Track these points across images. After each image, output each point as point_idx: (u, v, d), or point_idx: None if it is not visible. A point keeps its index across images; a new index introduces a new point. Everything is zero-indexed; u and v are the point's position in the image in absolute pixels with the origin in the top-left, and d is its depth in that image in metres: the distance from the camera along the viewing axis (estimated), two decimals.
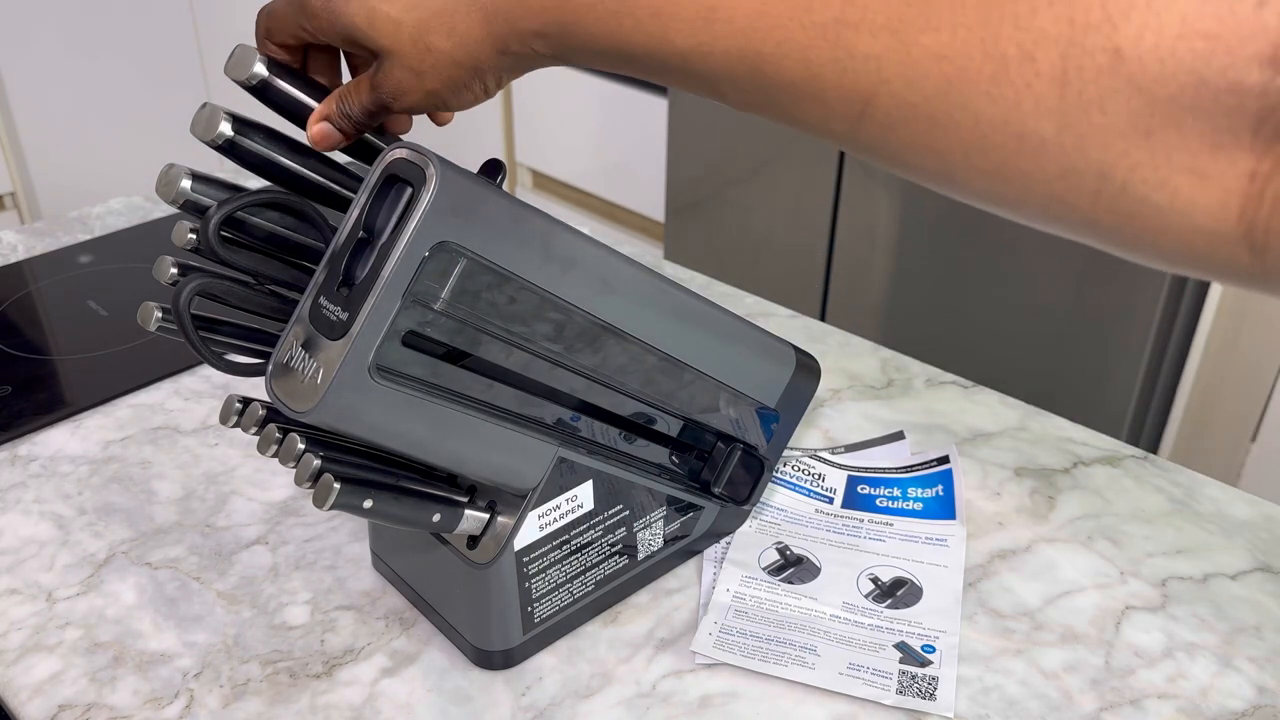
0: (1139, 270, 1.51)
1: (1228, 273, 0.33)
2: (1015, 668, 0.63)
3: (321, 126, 0.51)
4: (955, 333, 1.76)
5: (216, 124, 0.50)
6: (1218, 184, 0.31)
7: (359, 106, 0.50)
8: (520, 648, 0.62)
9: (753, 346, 0.66)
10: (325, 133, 0.51)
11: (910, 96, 0.35)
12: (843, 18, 0.36)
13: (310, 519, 0.73)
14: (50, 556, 0.71)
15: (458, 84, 0.48)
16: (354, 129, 0.51)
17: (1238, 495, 0.77)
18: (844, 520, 0.74)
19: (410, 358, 0.51)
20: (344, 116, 0.51)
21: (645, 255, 1.03)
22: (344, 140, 0.52)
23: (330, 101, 0.51)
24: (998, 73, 0.33)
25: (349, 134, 0.51)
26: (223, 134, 0.50)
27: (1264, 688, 0.62)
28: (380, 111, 0.50)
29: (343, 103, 0.51)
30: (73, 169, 2.38)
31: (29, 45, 2.25)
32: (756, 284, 1.93)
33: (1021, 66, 0.33)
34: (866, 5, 0.36)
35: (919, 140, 0.36)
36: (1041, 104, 0.33)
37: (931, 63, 0.34)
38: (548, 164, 2.56)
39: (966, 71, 0.34)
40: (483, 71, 0.47)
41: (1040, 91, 0.33)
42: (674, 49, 0.41)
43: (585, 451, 0.60)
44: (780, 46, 0.38)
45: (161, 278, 0.53)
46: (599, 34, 0.43)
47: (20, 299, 1.00)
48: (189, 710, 0.60)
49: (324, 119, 0.51)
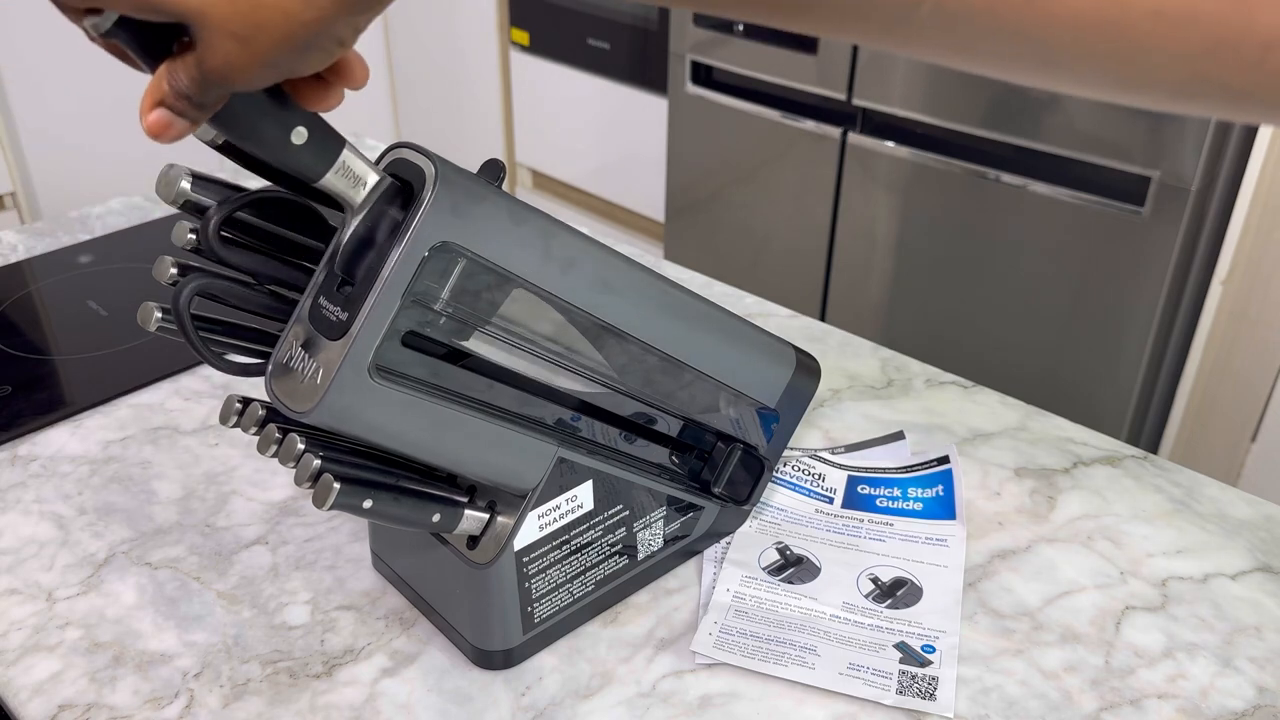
0: (1139, 270, 1.51)
1: None
2: (1015, 668, 0.63)
3: (158, 114, 0.40)
4: (955, 333, 1.77)
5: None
6: None
7: (189, 83, 0.39)
8: (520, 648, 0.62)
9: (753, 346, 0.66)
10: (163, 121, 0.40)
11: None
12: None
13: (310, 519, 0.73)
14: (50, 556, 0.71)
15: (300, 46, 0.37)
16: (196, 111, 0.40)
17: (1238, 495, 0.77)
18: (844, 520, 0.74)
19: (410, 358, 0.51)
20: (180, 97, 0.39)
21: (645, 255, 1.03)
22: (191, 127, 0.41)
23: (159, 80, 0.39)
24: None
25: (193, 117, 0.40)
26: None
27: (1264, 688, 0.62)
28: (218, 91, 0.39)
29: (174, 79, 0.39)
30: (73, 169, 2.38)
31: (29, 45, 2.25)
32: (756, 284, 1.94)
33: None
34: None
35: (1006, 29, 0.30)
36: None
37: None
38: (548, 164, 2.56)
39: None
40: (331, 22, 0.37)
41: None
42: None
43: (585, 451, 0.60)
44: None
45: (161, 278, 0.53)
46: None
47: (20, 299, 1.00)
48: (189, 710, 0.60)
49: (158, 104, 0.40)
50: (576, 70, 2.33)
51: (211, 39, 0.37)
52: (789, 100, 1.84)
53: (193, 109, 0.39)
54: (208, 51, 0.37)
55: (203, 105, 0.40)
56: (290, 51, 0.37)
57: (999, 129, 1.58)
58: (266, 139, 0.43)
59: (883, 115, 1.73)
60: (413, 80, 2.75)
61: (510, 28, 2.43)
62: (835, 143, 1.79)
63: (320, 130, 0.45)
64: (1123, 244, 1.52)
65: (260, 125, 0.43)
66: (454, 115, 2.70)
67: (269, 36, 0.36)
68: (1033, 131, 1.54)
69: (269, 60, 0.37)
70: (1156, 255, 1.49)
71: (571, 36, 2.31)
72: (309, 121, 0.44)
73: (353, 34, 0.38)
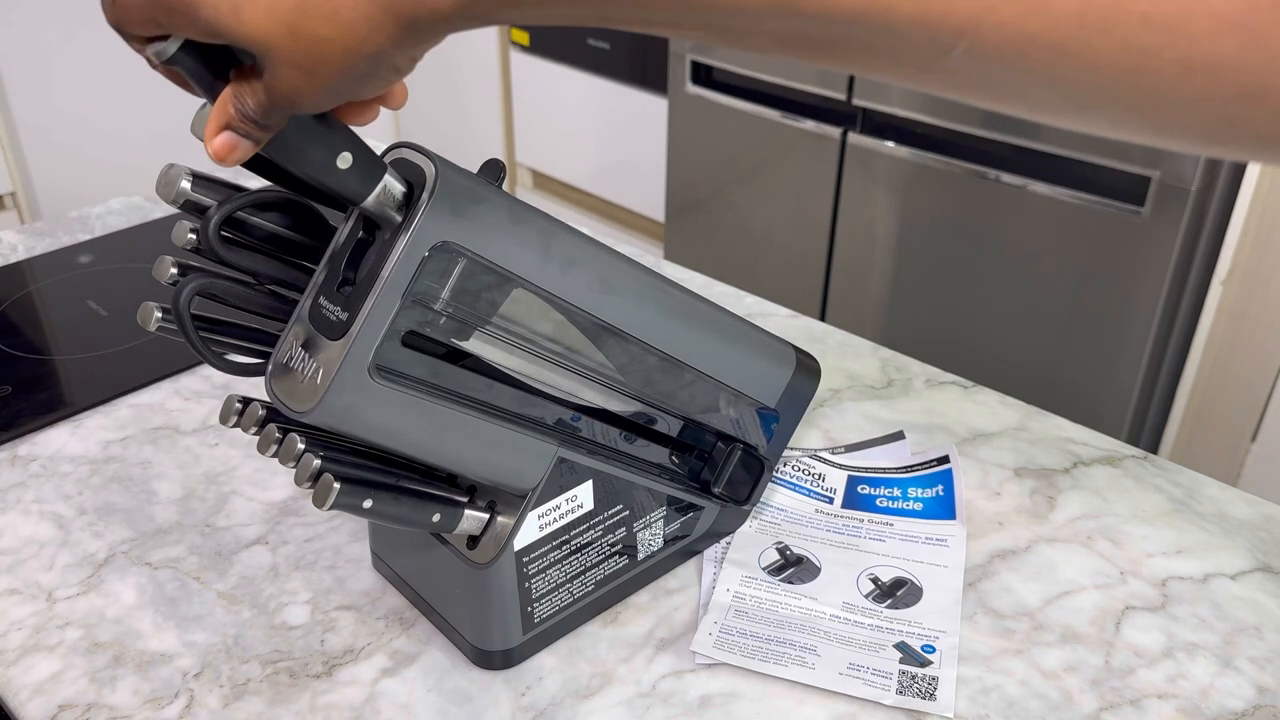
0: (1139, 270, 1.52)
1: None
2: (1015, 668, 0.63)
3: (225, 137, 0.42)
4: (955, 333, 1.77)
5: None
6: None
7: (255, 107, 0.41)
8: (520, 648, 0.62)
9: (753, 347, 0.66)
10: (229, 143, 0.42)
11: (1028, 25, 0.29)
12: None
13: (310, 519, 0.73)
14: (50, 556, 0.71)
15: (359, 76, 0.39)
16: (261, 133, 0.42)
17: (1238, 495, 0.77)
18: (844, 520, 0.74)
19: (410, 358, 0.51)
20: (246, 120, 0.42)
21: (645, 255, 1.03)
22: (254, 148, 0.43)
23: (224, 104, 0.42)
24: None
25: (257, 139, 0.42)
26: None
27: (1264, 688, 0.62)
28: (281, 115, 0.42)
29: (239, 102, 0.41)
30: (73, 169, 2.38)
31: (29, 45, 2.25)
32: (756, 284, 1.94)
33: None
34: None
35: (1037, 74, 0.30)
36: (1220, 20, 0.27)
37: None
38: (548, 164, 2.56)
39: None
40: (386, 55, 0.39)
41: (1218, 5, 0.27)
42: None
43: (585, 451, 0.60)
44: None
45: (161, 278, 0.53)
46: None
47: (20, 299, 1.00)
48: (189, 710, 0.60)
49: (224, 127, 0.42)
50: (576, 70, 2.33)
51: (277, 68, 0.39)
52: (789, 100, 1.84)
53: (257, 131, 0.42)
54: (274, 79, 0.39)
55: (267, 127, 0.42)
56: (350, 80, 0.39)
57: (999, 129, 1.58)
58: (314, 162, 0.45)
59: (883, 115, 1.73)
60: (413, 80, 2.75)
61: (510, 28, 2.43)
62: (835, 143, 1.79)
63: (364, 155, 0.47)
64: (1123, 244, 1.52)
65: (308, 149, 0.44)
66: (454, 115, 2.70)
67: (330, 67, 0.38)
68: (1032, 131, 1.54)
69: (330, 88, 0.39)
70: (1156, 255, 1.49)
71: (571, 36, 2.31)
72: (353, 146, 0.46)
73: (409, 64, 0.40)
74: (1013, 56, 0.30)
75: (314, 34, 0.37)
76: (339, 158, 0.45)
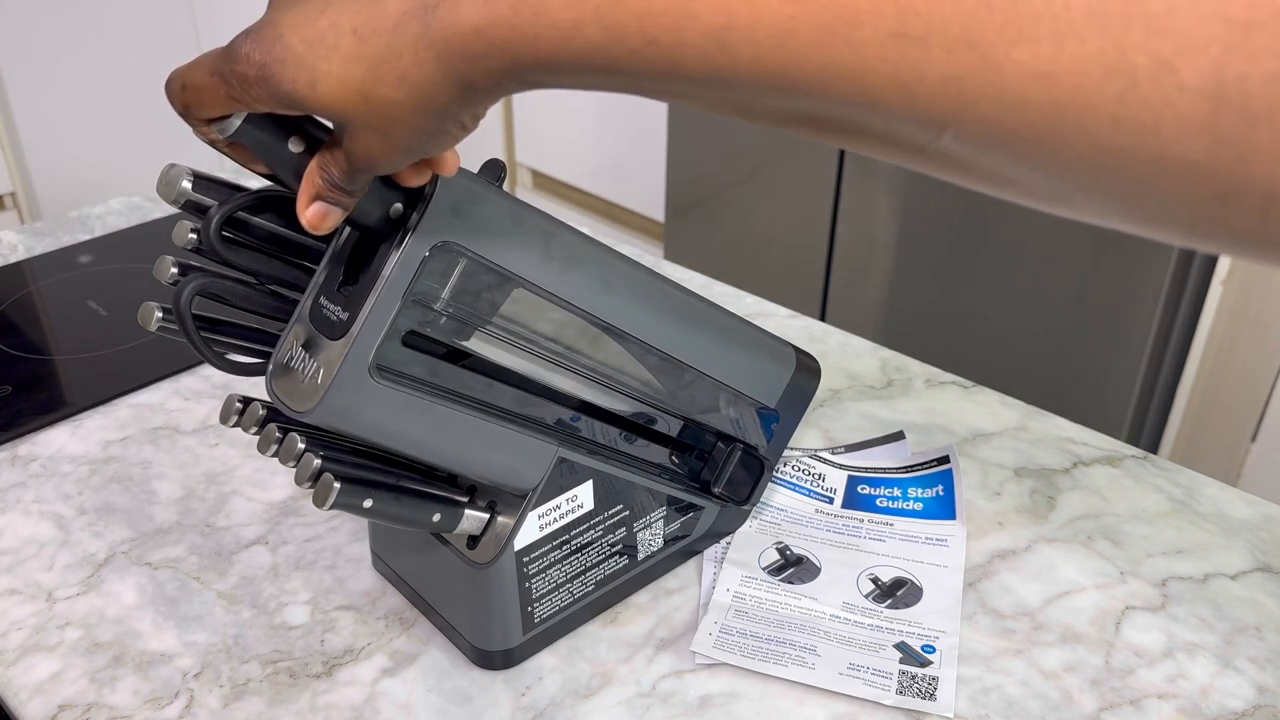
0: (1139, 270, 1.52)
1: None
2: (1015, 668, 0.63)
3: (318, 208, 0.44)
4: (955, 333, 1.77)
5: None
6: None
7: (342, 174, 0.44)
8: (520, 648, 0.62)
9: (753, 347, 0.66)
10: (321, 212, 0.45)
11: (1006, 120, 0.30)
12: (902, 30, 0.30)
13: (310, 519, 0.73)
14: (50, 556, 0.71)
15: (429, 133, 0.41)
16: (349, 198, 0.45)
17: (1238, 495, 0.77)
18: (844, 520, 0.74)
19: (410, 358, 0.51)
20: (333, 188, 0.44)
21: (645, 255, 1.03)
22: (343, 214, 0.45)
23: (312, 176, 0.44)
24: (1125, 91, 0.27)
25: (345, 205, 0.45)
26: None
27: (1264, 688, 0.62)
28: (365, 178, 0.44)
29: (325, 173, 0.44)
30: (73, 169, 2.38)
31: (29, 45, 2.25)
32: (756, 284, 1.93)
33: (1159, 81, 0.27)
34: (931, 13, 0.29)
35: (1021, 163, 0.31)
36: (1188, 123, 0.27)
37: (1031, 82, 0.29)
38: (548, 164, 2.56)
39: (1082, 91, 0.28)
40: (452, 113, 0.41)
41: (1184, 109, 0.27)
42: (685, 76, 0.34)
43: (585, 451, 0.60)
44: (823, 71, 0.31)
45: (162, 278, 0.53)
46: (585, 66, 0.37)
47: (20, 299, 1.00)
48: (189, 710, 0.60)
49: (316, 199, 0.44)
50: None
51: (355, 133, 0.42)
52: None
53: (345, 196, 0.45)
54: (353, 144, 0.42)
55: (353, 192, 0.45)
56: (421, 138, 0.42)
57: None
58: (371, 214, 0.48)
59: None
60: None
61: None
62: None
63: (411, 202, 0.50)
64: (1123, 244, 1.52)
65: (368, 204, 0.47)
66: None
67: (403, 127, 0.41)
68: None
69: (405, 147, 0.42)
70: (1156, 255, 1.49)
71: None
72: (405, 198, 0.49)
73: (473, 121, 0.42)
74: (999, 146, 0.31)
75: (385, 98, 0.40)
76: (390, 209, 0.49)
